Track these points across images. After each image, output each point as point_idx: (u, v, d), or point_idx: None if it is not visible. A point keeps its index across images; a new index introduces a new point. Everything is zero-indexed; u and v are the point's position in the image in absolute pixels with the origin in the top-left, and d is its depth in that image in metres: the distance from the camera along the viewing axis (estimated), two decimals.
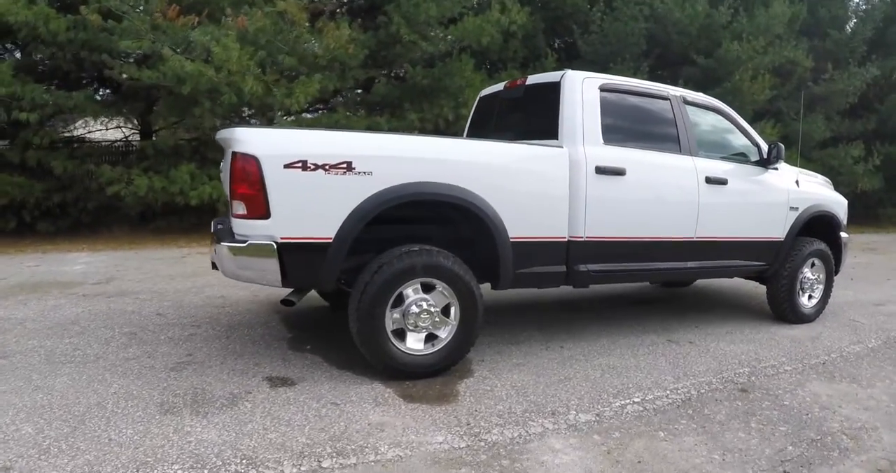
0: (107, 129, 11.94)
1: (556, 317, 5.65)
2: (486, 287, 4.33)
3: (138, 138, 11.86)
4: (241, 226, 3.67)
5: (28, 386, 3.75)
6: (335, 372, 4.11)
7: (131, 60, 9.78)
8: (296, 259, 3.65)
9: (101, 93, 11.36)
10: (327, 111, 11.73)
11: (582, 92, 4.46)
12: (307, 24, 10.03)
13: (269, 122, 9.77)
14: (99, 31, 8.87)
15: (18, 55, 10.58)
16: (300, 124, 10.75)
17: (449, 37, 11.57)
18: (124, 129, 12.35)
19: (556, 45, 15.20)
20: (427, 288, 3.91)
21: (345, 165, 3.62)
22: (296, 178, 3.56)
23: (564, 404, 3.64)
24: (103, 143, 11.51)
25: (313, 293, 4.97)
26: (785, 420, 3.56)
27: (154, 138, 11.51)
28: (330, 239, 3.66)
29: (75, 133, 11.54)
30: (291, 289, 4.14)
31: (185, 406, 3.52)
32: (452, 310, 3.97)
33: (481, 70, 12.74)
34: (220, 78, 8.80)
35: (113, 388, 3.76)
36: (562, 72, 4.56)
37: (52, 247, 9.54)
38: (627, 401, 3.71)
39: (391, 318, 3.84)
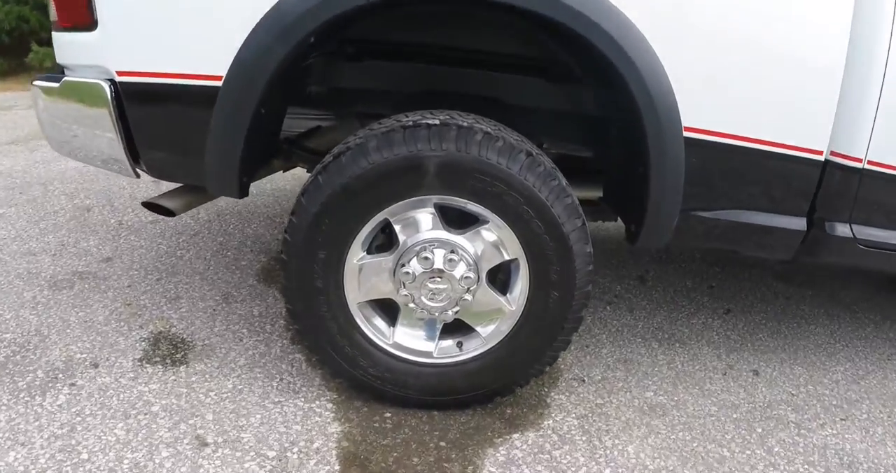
0: None
1: (765, 296, 3.05)
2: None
3: None
4: (60, 48, 1.84)
5: None
6: (278, 351, 2.12)
7: None
8: (151, 119, 1.67)
9: None
10: None
11: None
12: None
13: None
14: None
15: None
16: None
17: None
18: None
19: None
20: (457, 220, 1.68)
21: None
22: None
23: None
24: None
25: None
26: None
27: None
28: (218, 78, 1.53)
29: None
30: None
31: None
32: (515, 280, 1.72)
33: None
34: None
35: None
36: None
37: None
38: None
39: (358, 275, 1.68)
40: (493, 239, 1.65)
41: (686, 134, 1.69)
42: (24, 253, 2.80)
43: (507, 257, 1.68)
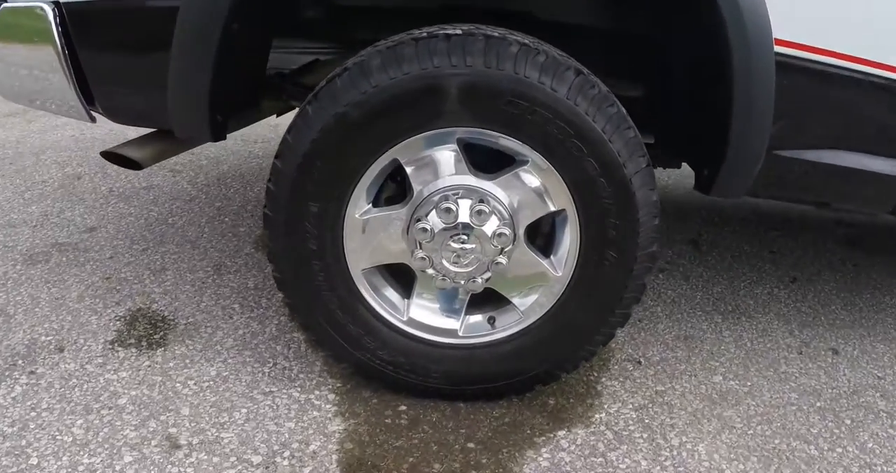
0: None
1: (832, 263, 2.67)
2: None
3: None
4: None
5: None
6: (273, 329, 1.80)
7: None
8: (104, 48, 1.39)
9: None
10: None
11: None
12: None
13: None
14: None
15: None
16: None
17: None
18: None
19: None
20: (488, 161, 1.33)
21: None
22: None
23: None
24: None
25: None
26: None
27: None
28: None
29: None
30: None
31: None
32: (561, 237, 1.36)
33: None
34: None
35: None
36: None
37: None
38: None
39: (362, 233, 1.33)
40: (535, 184, 1.30)
41: (780, 49, 1.31)
42: (3, 225, 2.52)
43: (551, 208, 1.32)
